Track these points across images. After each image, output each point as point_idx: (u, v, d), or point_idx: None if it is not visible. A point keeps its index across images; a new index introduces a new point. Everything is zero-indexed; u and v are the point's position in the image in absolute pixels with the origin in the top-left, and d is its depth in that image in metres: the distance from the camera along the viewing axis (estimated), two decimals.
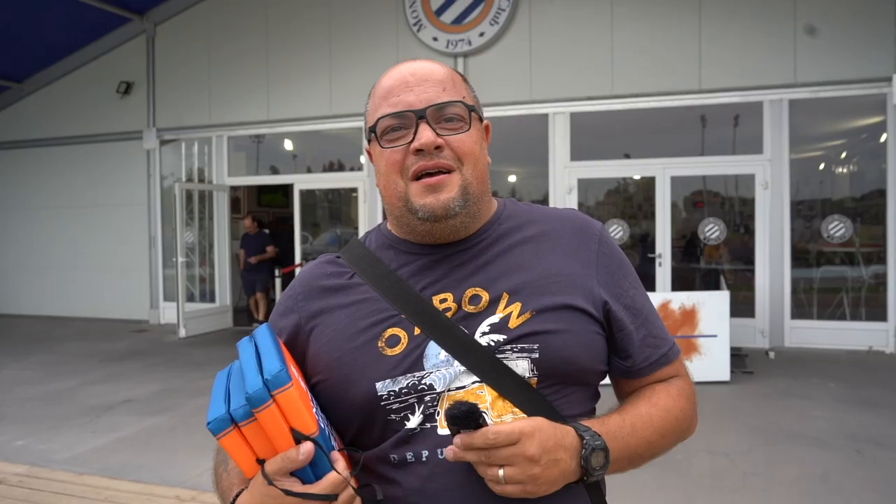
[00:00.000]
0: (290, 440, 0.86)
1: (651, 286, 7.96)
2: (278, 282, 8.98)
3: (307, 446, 0.85)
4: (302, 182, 9.88)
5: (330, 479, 0.87)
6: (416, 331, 1.00)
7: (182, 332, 9.01)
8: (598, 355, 1.04)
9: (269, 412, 0.84)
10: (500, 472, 0.85)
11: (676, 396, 1.08)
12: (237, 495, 0.94)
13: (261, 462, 0.87)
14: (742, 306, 7.62)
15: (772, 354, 7.21)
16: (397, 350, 0.99)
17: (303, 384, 0.96)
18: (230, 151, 10.20)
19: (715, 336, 6.07)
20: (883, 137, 7.44)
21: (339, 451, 0.93)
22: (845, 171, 7.95)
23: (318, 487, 0.87)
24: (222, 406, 0.88)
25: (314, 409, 0.92)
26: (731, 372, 6.11)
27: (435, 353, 0.98)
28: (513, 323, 0.99)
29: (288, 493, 0.86)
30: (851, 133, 8.06)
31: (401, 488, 0.96)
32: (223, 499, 1.00)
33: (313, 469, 0.87)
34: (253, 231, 10.01)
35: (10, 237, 11.64)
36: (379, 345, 1.00)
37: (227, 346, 8.36)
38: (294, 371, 0.94)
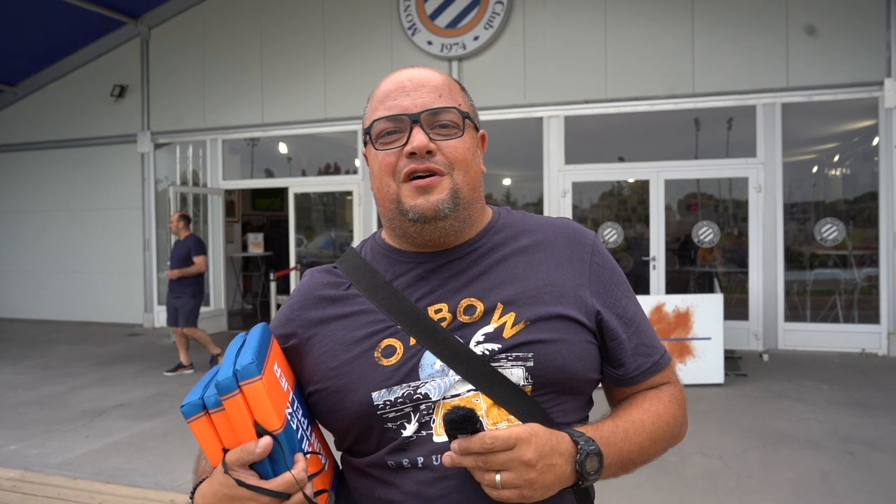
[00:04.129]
0: (253, 433, 0.88)
1: (645, 289, 7.99)
2: (273, 285, 8.96)
3: (265, 441, 0.88)
4: (296, 185, 9.88)
5: (284, 478, 0.89)
6: (412, 341, 1.00)
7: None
8: (592, 364, 1.05)
9: (234, 402, 0.87)
10: (498, 476, 0.85)
11: (668, 403, 1.09)
12: (201, 481, 0.97)
13: (226, 451, 0.90)
14: (736, 309, 7.65)
15: (765, 357, 7.24)
16: (393, 360, 1.00)
17: (285, 385, 0.98)
18: (225, 155, 10.18)
19: (709, 339, 6.09)
20: (875, 141, 7.49)
21: (305, 454, 0.94)
22: (838, 174, 8.00)
23: (271, 484, 0.89)
24: (198, 392, 0.91)
25: (288, 410, 0.94)
26: (725, 374, 6.14)
27: (430, 362, 0.99)
28: (507, 333, 1.00)
29: (241, 483, 0.88)
30: (844, 136, 8.11)
31: (398, 492, 0.97)
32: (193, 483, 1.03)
33: (273, 466, 0.90)
34: (181, 234, 7.12)
35: (4, 240, 11.58)
36: (375, 355, 1.01)
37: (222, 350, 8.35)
38: (277, 370, 0.97)
